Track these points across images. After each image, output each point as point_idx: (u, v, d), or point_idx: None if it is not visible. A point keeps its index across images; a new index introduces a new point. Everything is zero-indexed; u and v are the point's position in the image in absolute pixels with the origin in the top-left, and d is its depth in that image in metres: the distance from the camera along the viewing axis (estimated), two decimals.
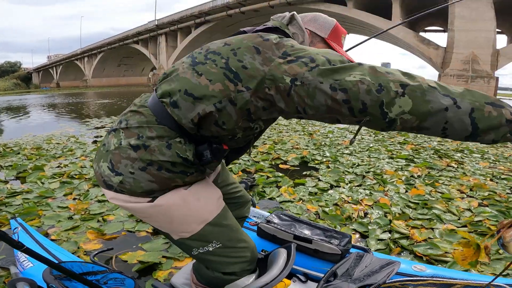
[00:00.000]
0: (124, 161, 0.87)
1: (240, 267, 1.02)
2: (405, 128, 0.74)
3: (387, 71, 0.74)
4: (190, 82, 0.84)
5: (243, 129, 0.90)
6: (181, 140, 0.87)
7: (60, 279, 1.15)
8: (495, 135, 0.70)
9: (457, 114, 0.68)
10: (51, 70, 62.56)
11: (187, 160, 0.87)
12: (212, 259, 1.00)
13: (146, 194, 0.90)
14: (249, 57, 0.82)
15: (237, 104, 0.82)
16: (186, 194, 0.93)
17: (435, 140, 5.43)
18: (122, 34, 42.46)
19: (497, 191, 2.87)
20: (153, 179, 0.87)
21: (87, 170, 3.38)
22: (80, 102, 15.40)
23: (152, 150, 0.85)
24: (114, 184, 0.89)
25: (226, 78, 0.82)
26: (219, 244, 0.98)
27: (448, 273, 1.37)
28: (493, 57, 18.88)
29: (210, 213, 0.97)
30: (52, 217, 2.27)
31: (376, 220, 2.26)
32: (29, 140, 5.25)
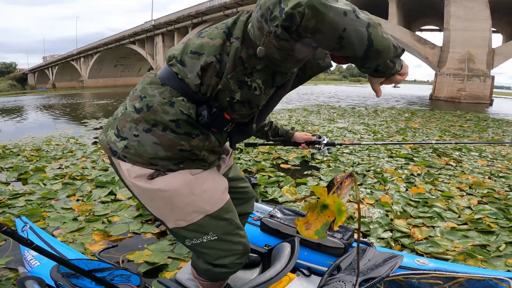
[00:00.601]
0: (129, 125, 0.88)
1: (230, 260, 1.02)
2: (306, 29, 0.67)
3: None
4: (194, 43, 0.89)
5: (239, 83, 0.86)
6: (183, 99, 0.88)
7: (67, 276, 1.17)
8: (383, 58, 0.72)
9: (355, 23, 0.66)
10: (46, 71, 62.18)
11: (191, 117, 0.87)
12: (204, 251, 1.00)
13: (150, 163, 0.88)
14: (245, 15, 0.87)
15: (230, 53, 0.84)
16: (193, 183, 0.92)
17: (433, 139, 5.48)
18: (119, 34, 42.27)
19: (496, 189, 2.91)
20: (158, 141, 0.87)
21: (89, 171, 3.39)
22: (77, 103, 15.33)
23: (155, 110, 0.86)
24: (119, 150, 0.89)
25: (225, 35, 0.86)
26: (215, 236, 0.98)
27: (451, 266, 1.39)
28: (489, 56, 19.01)
29: (213, 205, 0.97)
30: (57, 219, 2.28)
31: (377, 219, 2.29)
32: (28, 142, 5.24)
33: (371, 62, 0.73)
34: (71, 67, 54.43)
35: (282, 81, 0.93)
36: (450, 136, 5.92)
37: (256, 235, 1.69)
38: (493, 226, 2.19)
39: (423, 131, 6.46)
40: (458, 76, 19.53)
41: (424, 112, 10.82)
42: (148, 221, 2.26)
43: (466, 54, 19.19)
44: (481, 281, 1.21)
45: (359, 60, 0.73)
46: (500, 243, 1.96)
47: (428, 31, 30.91)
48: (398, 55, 0.76)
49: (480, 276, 1.22)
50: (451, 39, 19.45)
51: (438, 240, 2.01)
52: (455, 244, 1.98)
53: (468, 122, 8.23)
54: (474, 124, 7.85)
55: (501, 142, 2.21)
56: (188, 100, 0.88)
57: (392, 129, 6.53)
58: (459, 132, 6.46)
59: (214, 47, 0.85)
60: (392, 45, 0.72)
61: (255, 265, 1.44)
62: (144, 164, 0.88)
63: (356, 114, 9.23)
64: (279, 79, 0.90)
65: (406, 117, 9.09)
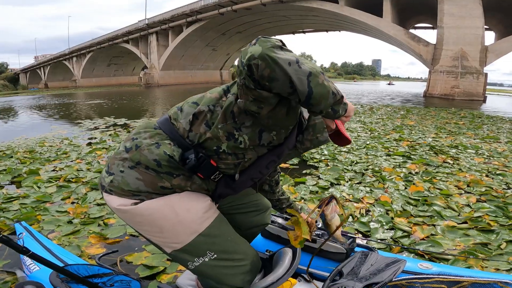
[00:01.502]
0: (117, 162, 0.95)
1: (241, 279, 1.00)
2: (263, 77, 0.76)
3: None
4: (197, 96, 0.98)
5: (227, 135, 0.90)
6: (170, 142, 0.93)
7: (67, 282, 1.16)
8: (324, 105, 0.80)
9: (297, 72, 0.74)
10: (38, 71, 61.37)
11: (173, 158, 0.91)
12: (210, 272, 0.97)
13: (132, 194, 0.92)
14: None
15: (223, 106, 0.89)
16: (175, 203, 0.93)
17: (429, 137, 5.50)
18: (112, 33, 41.81)
19: (494, 187, 2.92)
20: (140, 177, 0.92)
21: (84, 174, 3.33)
22: (70, 103, 15.16)
23: (141, 150, 0.92)
24: (106, 184, 0.95)
25: (223, 91, 0.93)
26: (214, 255, 0.96)
27: (454, 270, 1.38)
28: (482, 53, 19.17)
29: (200, 224, 0.96)
30: (52, 222, 2.23)
31: (378, 218, 2.28)
32: (21, 143, 5.15)
33: (314, 107, 0.80)
34: (64, 67, 53.79)
35: (268, 140, 0.93)
36: (446, 133, 5.95)
37: (257, 240, 1.67)
38: (493, 224, 2.19)
39: (419, 128, 6.48)
40: (451, 73, 19.68)
41: (419, 110, 10.88)
42: None
43: (459, 52, 19.34)
44: (486, 284, 1.19)
45: (305, 105, 0.81)
46: (501, 242, 1.96)
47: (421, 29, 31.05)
48: (338, 101, 0.82)
49: (485, 280, 1.20)
50: (445, 37, 19.58)
51: (439, 239, 2.00)
52: (457, 242, 1.97)
53: (463, 119, 8.29)
54: (469, 121, 7.90)
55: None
56: (175, 144, 0.93)
57: (389, 127, 6.54)
58: (454, 129, 6.49)
59: (211, 99, 0.93)
60: (332, 92, 0.79)
61: None
62: (127, 196, 0.93)
63: None
64: (265, 137, 0.92)
65: (402, 114, 9.12)
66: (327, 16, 25.82)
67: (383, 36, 24.91)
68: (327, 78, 0.80)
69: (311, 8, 24.45)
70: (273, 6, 26.01)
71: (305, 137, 1.05)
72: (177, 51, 34.98)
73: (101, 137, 5.51)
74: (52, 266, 1.04)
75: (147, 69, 39.25)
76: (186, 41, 33.64)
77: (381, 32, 22.61)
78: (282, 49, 0.78)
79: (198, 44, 35.73)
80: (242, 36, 38.02)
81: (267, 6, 26.13)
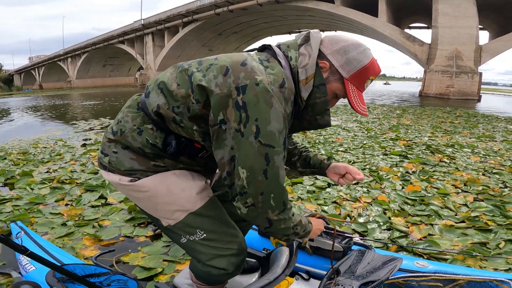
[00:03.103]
0: (107, 144, 0.97)
1: (227, 261, 1.01)
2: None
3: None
4: (166, 77, 0.91)
5: (202, 134, 0.89)
6: (152, 127, 0.91)
7: (63, 281, 1.16)
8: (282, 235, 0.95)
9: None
10: (33, 72, 60.91)
11: (156, 146, 0.91)
12: (198, 249, 1.00)
13: (129, 174, 0.94)
14: (212, 75, 0.83)
15: (191, 113, 0.86)
16: (171, 183, 0.96)
17: (425, 136, 5.51)
18: (107, 34, 41.59)
19: (491, 186, 2.92)
20: (134, 157, 0.94)
21: (78, 175, 3.29)
22: (65, 104, 15.04)
23: (126, 136, 0.93)
24: (107, 164, 0.97)
25: (190, 87, 0.85)
26: (203, 234, 0.99)
27: (451, 268, 1.37)
28: (476, 53, 19.32)
29: (193, 204, 0.99)
30: (45, 224, 2.19)
31: (375, 218, 2.26)
32: (14, 145, 5.08)
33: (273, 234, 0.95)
34: (58, 68, 53.42)
35: None
36: (442, 132, 5.97)
37: (255, 239, 1.65)
38: (491, 223, 2.18)
39: (415, 127, 6.50)
40: (446, 73, 19.81)
41: (415, 109, 10.93)
42: (141, 224, 2.20)
43: (454, 51, 19.47)
44: (482, 283, 1.18)
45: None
46: (499, 241, 1.95)
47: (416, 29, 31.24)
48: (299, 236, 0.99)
49: (480, 278, 1.20)
50: (439, 36, 19.71)
51: (437, 239, 1.99)
52: (455, 242, 1.96)
53: (459, 119, 8.33)
54: (465, 120, 7.95)
55: None
56: (158, 128, 0.91)
57: (385, 126, 6.55)
58: (450, 128, 6.52)
59: (176, 98, 0.88)
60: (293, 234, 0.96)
61: (254, 269, 1.40)
62: (123, 174, 0.96)
63: (348, 111, 9.25)
64: None
65: (398, 114, 9.16)
66: (323, 16, 25.86)
67: (379, 36, 25.02)
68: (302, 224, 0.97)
69: (307, 8, 24.48)
70: (269, 6, 26.01)
71: (303, 116, 0.95)
72: (173, 51, 34.83)
73: (95, 138, 5.46)
74: (51, 265, 1.04)
75: (143, 69, 39.09)
76: (182, 42, 33.52)
77: (377, 32, 22.71)
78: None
79: (195, 45, 35.62)
80: (238, 36, 38.00)
81: (263, 6, 26.12)
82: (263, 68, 0.84)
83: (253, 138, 0.78)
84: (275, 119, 0.79)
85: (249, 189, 0.82)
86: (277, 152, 0.81)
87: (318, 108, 0.91)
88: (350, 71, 0.89)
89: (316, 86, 0.89)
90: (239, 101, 0.78)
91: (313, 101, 0.90)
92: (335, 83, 0.91)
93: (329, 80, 0.90)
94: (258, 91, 0.78)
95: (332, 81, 0.91)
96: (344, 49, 0.89)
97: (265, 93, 0.78)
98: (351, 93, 0.90)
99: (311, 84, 0.88)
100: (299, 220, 0.96)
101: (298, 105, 0.91)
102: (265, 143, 0.79)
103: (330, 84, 0.91)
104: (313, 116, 0.93)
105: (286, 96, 0.83)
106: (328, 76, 0.90)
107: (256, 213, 0.85)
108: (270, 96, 0.79)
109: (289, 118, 0.87)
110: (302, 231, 0.97)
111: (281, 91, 0.82)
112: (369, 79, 0.92)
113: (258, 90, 0.78)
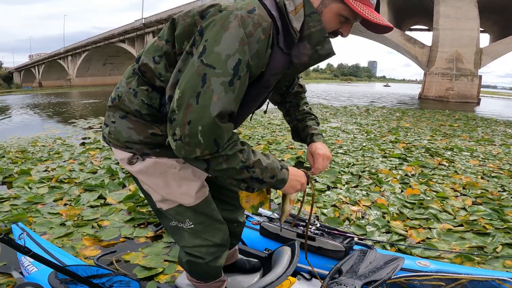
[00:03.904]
0: (108, 113, 0.97)
1: (206, 250, 1.03)
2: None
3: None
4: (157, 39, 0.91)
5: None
6: (148, 88, 0.90)
7: (65, 283, 1.16)
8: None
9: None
10: (33, 70, 60.82)
11: (152, 107, 0.89)
12: (183, 235, 1.03)
13: (126, 146, 0.93)
14: (192, 14, 0.82)
15: (167, 59, 0.86)
16: (168, 176, 0.96)
17: (425, 139, 5.51)
18: (108, 32, 41.57)
19: (489, 189, 2.92)
20: (131, 126, 0.92)
21: (77, 174, 3.28)
22: (65, 102, 15.01)
23: (123, 100, 0.91)
24: (106, 135, 0.97)
25: (163, 32, 0.88)
26: (191, 225, 1.01)
27: (453, 268, 1.37)
28: (477, 55, 19.36)
29: (188, 201, 1.00)
30: (44, 224, 2.19)
31: (374, 221, 2.26)
32: (13, 143, 5.07)
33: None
34: (58, 66, 53.35)
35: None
36: (441, 135, 5.97)
37: (256, 239, 1.66)
38: (488, 227, 2.19)
39: (414, 130, 6.51)
40: (446, 75, 19.85)
41: (414, 111, 10.94)
42: (141, 225, 2.20)
43: (455, 54, 19.51)
44: (484, 282, 1.19)
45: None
46: (496, 245, 1.95)
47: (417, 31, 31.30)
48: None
49: (482, 277, 1.20)
50: (440, 39, 19.75)
51: (435, 242, 1.99)
52: (452, 246, 1.96)
53: (458, 122, 8.34)
54: (464, 124, 7.95)
55: None
56: (153, 89, 0.90)
57: (384, 129, 6.55)
58: (449, 131, 6.53)
59: (157, 49, 0.88)
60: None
61: (256, 269, 1.40)
62: (121, 148, 0.94)
63: (348, 114, 9.26)
64: None
65: (397, 116, 9.16)
66: None
67: (379, 38, 25.05)
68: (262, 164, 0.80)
69: None
70: None
71: (301, 51, 0.85)
72: None
73: (95, 137, 5.45)
74: (53, 266, 1.04)
75: None
76: None
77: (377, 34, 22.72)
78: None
79: None
80: None
81: None
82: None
83: (196, 57, 0.73)
84: (227, 41, 0.72)
85: (178, 114, 0.73)
86: (217, 75, 0.71)
87: (315, 38, 0.83)
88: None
89: (308, 15, 0.82)
90: (199, 27, 0.76)
91: (308, 31, 0.82)
92: (334, 3, 0.82)
93: (325, 3, 0.82)
94: (218, 17, 0.74)
95: (329, 3, 0.82)
96: None
97: (225, 18, 0.73)
98: (357, 7, 0.80)
99: (302, 13, 0.81)
100: (257, 160, 0.80)
101: (292, 37, 0.81)
102: (206, 62, 0.72)
103: (329, 7, 0.82)
104: (313, 48, 0.84)
105: (256, 21, 0.74)
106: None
107: (184, 150, 0.74)
108: (229, 22, 0.73)
109: (267, 48, 0.77)
110: (267, 176, 0.82)
111: (249, 16, 0.74)
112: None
113: (219, 16, 0.74)
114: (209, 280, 1.15)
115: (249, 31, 0.73)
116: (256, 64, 0.77)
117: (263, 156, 0.83)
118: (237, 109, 0.77)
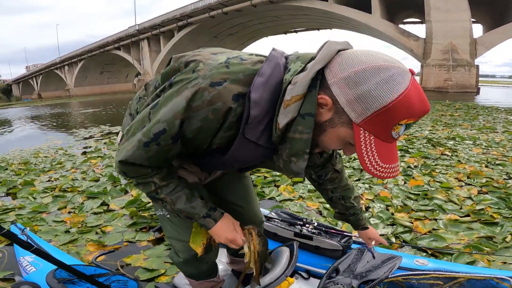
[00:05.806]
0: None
1: (182, 247, 1.03)
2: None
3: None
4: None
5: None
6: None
7: (63, 282, 1.17)
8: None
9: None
10: (31, 81, 60.88)
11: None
12: (165, 225, 1.07)
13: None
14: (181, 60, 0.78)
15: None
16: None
17: (426, 129, 5.50)
18: (102, 40, 41.56)
19: (494, 177, 2.90)
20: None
21: (80, 183, 3.28)
22: (65, 113, 15.05)
23: (130, 104, 1.02)
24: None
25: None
26: (167, 214, 1.03)
27: (450, 266, 1.36)
28: (471, 46, 19.33)
29: None
30: (49, 232, 2.20)
31: (378, 214, 2.25)
32: (16, 155, 5.08)
33: None
34: (56, 76, 53.40)
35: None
36: (443, 125, 5.96)
37: None
38: (496, 216, 2.16)
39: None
40: (443, 66, 19.82)
41: None
42: (143, 229, 2.20)
43: (449, 45, 19.48)
44: (482, 280, 1.18)
45: None
46: (505, 234, 1.92)
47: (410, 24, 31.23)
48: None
49: (480, 276, 1.19)
50: (433, 31, 19.73)
51: (442, 233, 1.98)
52: (460, 236, 1.95)
53: (458, 111, 8.33)
54: (465, 113, 7.94)
55: None
56: None
57: None
58: (450, 121, 6.51)
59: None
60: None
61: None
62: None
63: None
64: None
65: None
66: (318, 14, 25.88)
67: (374, 32, 25.04)
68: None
69: (301, 7, 24.52)
70: (263, 6, 26.05)
71: (279, 152, 0.74)
72: (169, 56, 34.43)
73: (96, 146, 5.45)
74: (56, 262, 1.04)
75: (141, 75, 39.09)
76: (178, 46, 33.53)
77: (371, 29, 22.73)
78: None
79: (191, 48, 34.89)
80: (234, 38, 38.04)
81: (257, 7, 26.17)
82: (224, 63, 0.68)
83: (151, 106, 0.74)
84: (167, 108, 0.69)
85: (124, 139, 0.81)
86: (142, 132, 0.73)
87: (295, 147, 0.70)
88: (362, 113, 0.61)
89: (301, 114, 0.66)
90: (174, 77, 0.73)
91: (292, 135, 0.68)
92: (343, 127, 0.65)
93: (334, 122, 0.66)
94: (185, 78, 0.69)
95: (338, 125, 0.66)
96: (357, 77, 0.60)
97: (185, 82, 0.68)
98: (362, 145, 0.64)
99: (295, 109, 0.66)
100: (171, 200, 0.83)
101: (270, 131, 0.71)
102: (149, 116, 0.73)
103: (336, 129, 0.66)
104: (288, 157, 0.72)
105: (210, 99, 0.65)
106: (333, 116, 0.65)
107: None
108: (185, 88, 0.67)
109: (218, 129, 0.70)
110: (182, 215, 0.86)
111: (208, 89, 0.65)
112: (399, 124, 0.62)
113: (187, 76, 0.69)
114: (200, 279, 1.14)
115: (195, 105, 0.66)
116: (199, 137, 0.72)
117: (186, 200, 0.84)
118: (154, 165, 0.78)
